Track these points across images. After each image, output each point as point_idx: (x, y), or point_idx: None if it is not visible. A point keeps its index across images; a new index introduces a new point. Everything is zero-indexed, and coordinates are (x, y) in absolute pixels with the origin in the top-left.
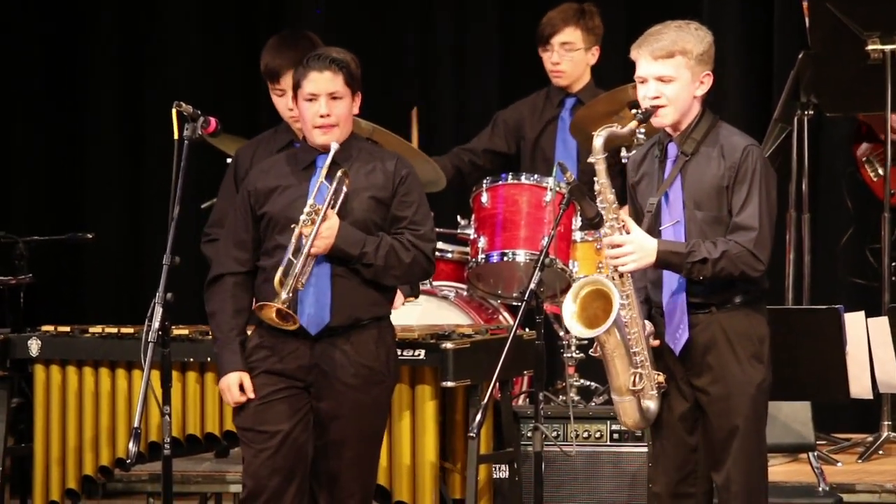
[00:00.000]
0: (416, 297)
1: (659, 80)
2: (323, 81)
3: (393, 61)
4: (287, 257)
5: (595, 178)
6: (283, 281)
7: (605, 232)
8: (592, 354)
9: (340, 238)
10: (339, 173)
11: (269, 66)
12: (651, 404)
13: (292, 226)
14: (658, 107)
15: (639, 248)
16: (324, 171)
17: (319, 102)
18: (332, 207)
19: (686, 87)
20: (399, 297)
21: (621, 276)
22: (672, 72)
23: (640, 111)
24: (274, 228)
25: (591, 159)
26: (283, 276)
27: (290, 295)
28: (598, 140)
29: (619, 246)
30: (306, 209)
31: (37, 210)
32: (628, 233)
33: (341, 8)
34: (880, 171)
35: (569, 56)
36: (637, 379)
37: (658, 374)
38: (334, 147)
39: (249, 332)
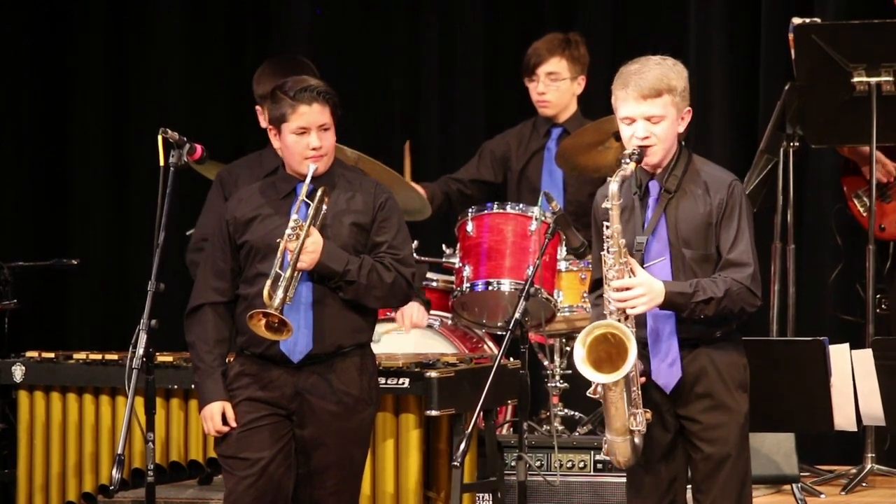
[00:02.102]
0: None
1: (647, 120)
2: (313, 114)
3: (379, 81)
4: (274, 271)
5: (606, 224)
6: (272, 294)
7: (612, 275)
8: (591, 396)
9: (325, 254)
10: (319, 192)
11: (267, 90)
12: (638, 441)
13: (277, 240)
14: (648, 146)
15: (649, 289)
16: (304, 191)
17: (311, 135)
18: (314, 225)
19: (673, 124)
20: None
21: (626, 318)
22: (661, 110)
23: (634, 152)
24: (255, 257)
25: (605, 205)
26: (272, 290)
27: (281, 304)
28: (614, 185)
29: (628, 289)
30: (290, 224)
31: (22, 235)
32: (634, 275)
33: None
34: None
35: (555, 86)
36: (635, 419)
37: (646, 412)
38: (312, 168)
39: (229, 361)
